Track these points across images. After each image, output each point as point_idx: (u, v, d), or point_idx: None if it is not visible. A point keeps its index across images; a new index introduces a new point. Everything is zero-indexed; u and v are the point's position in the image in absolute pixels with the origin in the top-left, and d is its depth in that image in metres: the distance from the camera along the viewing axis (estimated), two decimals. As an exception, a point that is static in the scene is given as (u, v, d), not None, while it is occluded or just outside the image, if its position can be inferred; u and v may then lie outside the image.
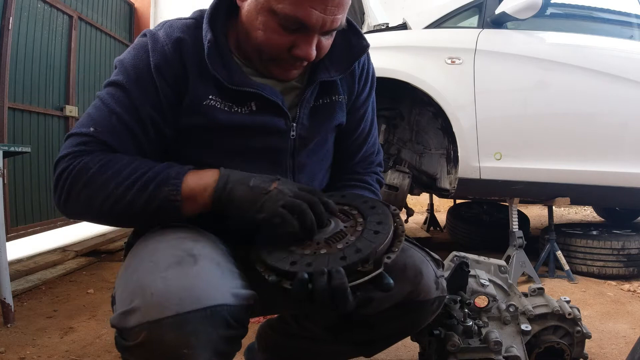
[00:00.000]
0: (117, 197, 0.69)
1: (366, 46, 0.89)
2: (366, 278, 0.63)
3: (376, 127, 1.04)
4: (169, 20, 0.82)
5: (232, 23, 0.82)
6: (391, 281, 0.64)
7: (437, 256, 0.92)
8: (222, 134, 0.80)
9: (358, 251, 0.65)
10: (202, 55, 0.77)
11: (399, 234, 0.71)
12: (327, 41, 0.78)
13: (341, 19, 0.75)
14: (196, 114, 0.78)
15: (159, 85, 0.76)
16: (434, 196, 3.78)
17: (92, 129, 0.73)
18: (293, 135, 0.84)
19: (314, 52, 0.75)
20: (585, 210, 5.33)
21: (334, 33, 0.79)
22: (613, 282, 2.41)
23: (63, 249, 2.87)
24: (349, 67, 0.88)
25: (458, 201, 3.83)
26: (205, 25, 0.78)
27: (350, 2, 0.77)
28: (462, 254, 1.27)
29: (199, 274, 0.62)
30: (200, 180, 0.71)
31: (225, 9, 0.82)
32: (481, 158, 2.25)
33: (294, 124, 0.84)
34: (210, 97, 0.78)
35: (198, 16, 0.83)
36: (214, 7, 0.81)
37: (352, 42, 0.88)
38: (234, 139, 0.80)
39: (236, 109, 0.80)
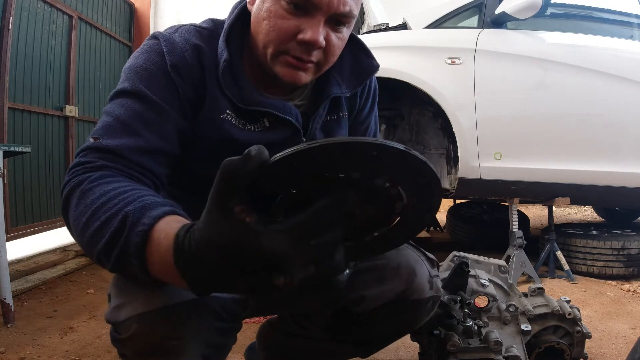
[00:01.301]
0: (86, 244, 0.58)
1: (376, 67, 0.88)
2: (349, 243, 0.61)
3: (378, 135, 1.04)
4: (182, 26, 0.79)
5: (245, 44, 0.80)
6: None
7: (432, 256, 0.92)
8: (233, 150, 0.78)
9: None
10: (218, 68, 0.76)
11: None
12: (337, 40, 0.74)
13: (351, 5, 0.70)
14: (211, 125, 0.75)
15: (178, 84, 0.72)
16: (434, 196, 3.77)
17: (92, 140, 0.66)
18: None
19: (321, 38, 0.70)
20: (585, 210, 5.33)
21: (345, 32, 0.75)
22: (613, 282, 2.41)
23: (63, 249, 2.87)
24: (359, 84, 0.87)
25: (458, 201, 3.83)
26: (221, 44, 0.76)
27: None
28: (462, 254, 1.27)
29: None
30: (165, 267, 0.50)
31: (239, 30, 0.79)
32: (481, 158, 2.25)
33: (304, 139, 0.83)
34: (227, 111, 0.76)
35: (212, 27, 0.80)
36: (230, 27, 0.78)
37: (362, 60, 0.87)
38: None
39: (249, 126, 0.78)
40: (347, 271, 0.60)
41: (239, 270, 0.44)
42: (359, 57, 0.88)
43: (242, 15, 0.80)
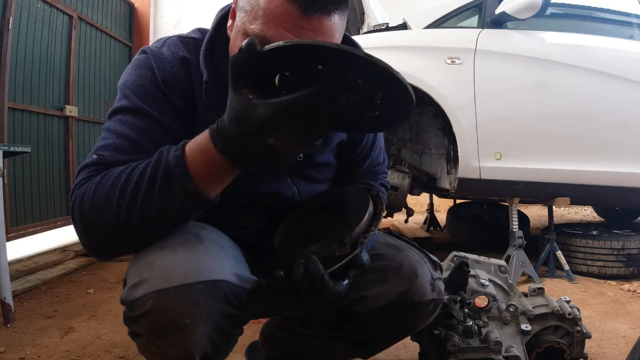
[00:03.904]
0: (127, 208, 0.61)
1: None
2: (343, 262, 0.63)
3: (381, 137, 1.02)
4: (169, 38, 0.80)
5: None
6: (365, 258, 0.63)
7: (435, 258, 0.92)
8: None
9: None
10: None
11: (377, 214, 0.71)
12: None
13: None
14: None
15: (170, 98, 0.74)
16: (434, 196, 3.78)
17: (95, 156, 0.68)
18: (300, 157, 0.84)
19: None
20: (585, 210, 5.33)
21: None
22: (613, 282, 2.41)
23: (63, 249, 2.87)
24: None
25: (458, 201, 3.83)
26: (201, 63, 0.76)
27: (341, 33, 0.72)
28: (462, 254, 1.27)
29: (204, 251, 0.65)
30: (206, 155, 0.61)
31: (221, 40, 0.79)
32: (481, 158, 2.25)
33: None
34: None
35: (199, 36, 0.81)
36: (209, 41, 0.78)
37: None
38: None
39: None
40: (346, 281, 0.62)
41: (249, 132, 0.56)
42: None
43: (221, 26, 0.80)
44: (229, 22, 0.77)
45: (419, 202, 4.90)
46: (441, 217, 4.14)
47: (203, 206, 0.64)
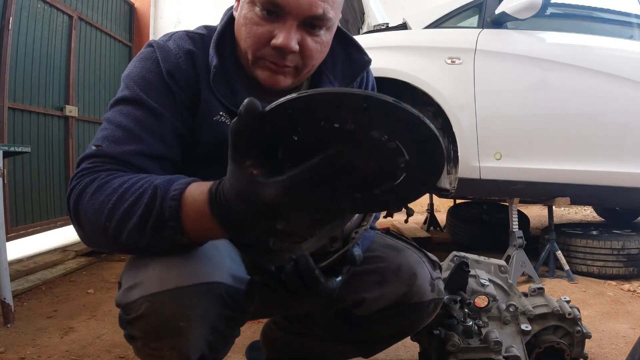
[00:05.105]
0: (113, 232, 0.61)
1: (368, 61, 0.89)
2: (334, 257, 0.61)
3: None
4: (175, 32, 0.81)
5: (237, 48, 0.80)
6: (356, 253, 0.61)
7: (434, 257, 0.92)
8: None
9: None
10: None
11: None
12: (314, 44, 0.73)
13: (324, 7, 0.70)
14: (206, 128, 0.77)
15: (174, 90, 0.74)
16: (434, 196, 3.78)
17: (94, 147, 0.68)
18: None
19: (292, 43, 0.70)
20: (585, 210, 5.32)
21: (323, 36, 0.75)
22: (613, 282, 2.41)
23: (63, 249, 2.87)
24: (352, 80, 0.88)
25: (458, 201, 3.83)
26: (211, 51, 0.77)
27: (340, 3, 0.74)
28: (462, 254, 1.27)
29: (199, 253, 0.64)
30: (201, 218, 0.58)
31: (231, 35, 0.80)
32: (481, 158, 2.25)
33: None
34: (220, 113, 0.77)
35: (205, 32, 0.82)
36: (220, 32, 0.79)
37: (353, 56, 0.88)
38: None
39: None
40: (340, 277, 0.62)
41: (255, 214, 0.51)
42: (350, 53, 0.88)
43: (232, 20, 0.81)
44: (235, 4, 0.78)
45: (419, 202, 4.90)
46: (441, 217, 4.14)
47: (192, 249, 0.63)
